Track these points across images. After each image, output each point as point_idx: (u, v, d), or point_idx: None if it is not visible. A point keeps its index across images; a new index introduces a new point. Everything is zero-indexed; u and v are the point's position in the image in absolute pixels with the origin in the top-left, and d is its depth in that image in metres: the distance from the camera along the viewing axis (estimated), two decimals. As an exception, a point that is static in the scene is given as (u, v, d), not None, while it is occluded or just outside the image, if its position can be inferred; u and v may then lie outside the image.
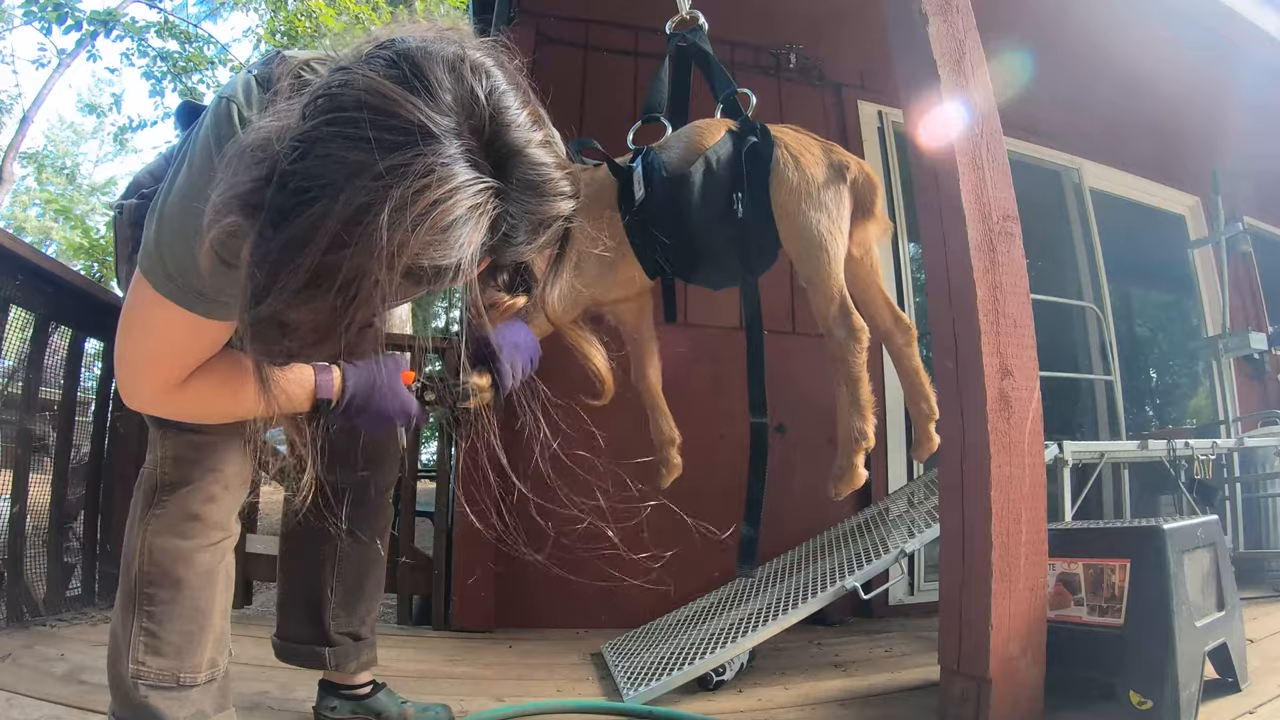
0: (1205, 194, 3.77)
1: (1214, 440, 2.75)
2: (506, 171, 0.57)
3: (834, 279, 1.40)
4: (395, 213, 0.50)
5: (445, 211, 0.52)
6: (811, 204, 1.40)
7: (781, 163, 1.42)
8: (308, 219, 0.51)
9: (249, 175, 0.55)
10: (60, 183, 14.67)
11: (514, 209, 0.58)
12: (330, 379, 0.90)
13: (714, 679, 1.65)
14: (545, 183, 0.59)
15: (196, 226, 0.60)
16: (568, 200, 0.62)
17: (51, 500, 1.94)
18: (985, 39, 1.54)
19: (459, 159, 0.53)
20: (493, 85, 0.57)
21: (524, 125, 0.58)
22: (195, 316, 0.75)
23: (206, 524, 1.00)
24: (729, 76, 1.54)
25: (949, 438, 1.45)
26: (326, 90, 0.54)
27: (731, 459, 2.50)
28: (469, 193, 0.53)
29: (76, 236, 10.98)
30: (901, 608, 2.61)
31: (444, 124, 0.53)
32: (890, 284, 2.82)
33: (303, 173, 0.52)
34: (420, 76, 0.54)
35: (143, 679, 0.96)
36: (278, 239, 0.53)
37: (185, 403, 0.84)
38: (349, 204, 0.51)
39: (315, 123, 0.53)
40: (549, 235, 0.62)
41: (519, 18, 2.60)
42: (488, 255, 0.60)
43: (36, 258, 1.90)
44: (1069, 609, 1.46)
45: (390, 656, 1.77)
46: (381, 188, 0.50)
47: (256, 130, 0.58)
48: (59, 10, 7.49)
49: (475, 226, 0.54)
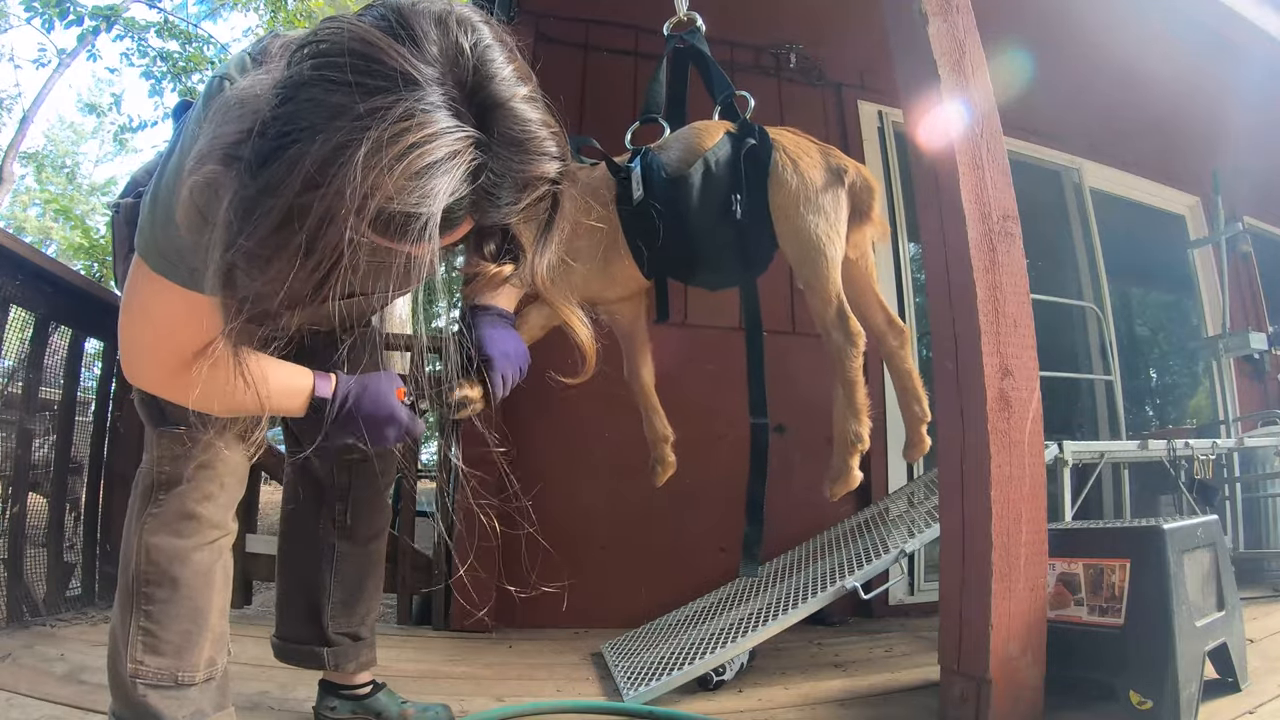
0: (1205, 194, 3.77)
1: (1214, 440, 2.75)
2: (489, 124, 0.56)
3: (832, 283, 1.40)
4: (371, 154, 0.50)
5: (422, 155, 0.51)
6: (810, 207, 1.41)
7: (780, 165, 1.42)
8: (285, 161, 0.51)
9: (233, 127, 0.55)
10: (60, 183, 14.66)
11: (496, 165, 0.57)
12: (327, 383, 0.89)
13: (714, 679, 1.65)
14: (530, 140, 0.58)
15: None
16: (553, 161, 0.61)
17: (51, 500, 1.94)
18: (985, 39, 1.54)
19: (440, 106, 0.53)
20: (478, 38, 0.57)
21: (509, 79, 0.57)
22: (191, 294, 0.74)
23: (203, 523, 1.00)
24: (727, 78, 1.55)
25: (949, 438, 1.45)
26: (313, 38, 0.55)
27: (731, 459, 2.50)
28: (448, 139, 0.53)
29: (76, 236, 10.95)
30: (901, 608, 2.61)
31: (427, 72, 0.53)
32: (890, 284, 2.83)
33: (284, 117, 0.52)
34: (406, 27, 0.54)
35: (141, 678, 0.96)
36: (254, 185, 0.53)
37: (188, 387, 0.81)
38: (326, 144, 0.50)
39: (300, 68, 0.53)
40: (534, 197, 0.61)
41: (519, 18, 2.60)
42: (470, 216, 0.59)
43: (36, 258, 1.90)
44: (1069, 609, 1.46)
45: (390, 656, 1.77)
46: (359, 129, 0.50)
47: (243, 85, 0.58)
48: (60, 6, 7.48)
49: (451, 175, 0.53)
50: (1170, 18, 2.61)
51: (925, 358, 2.84)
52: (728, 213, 1.39)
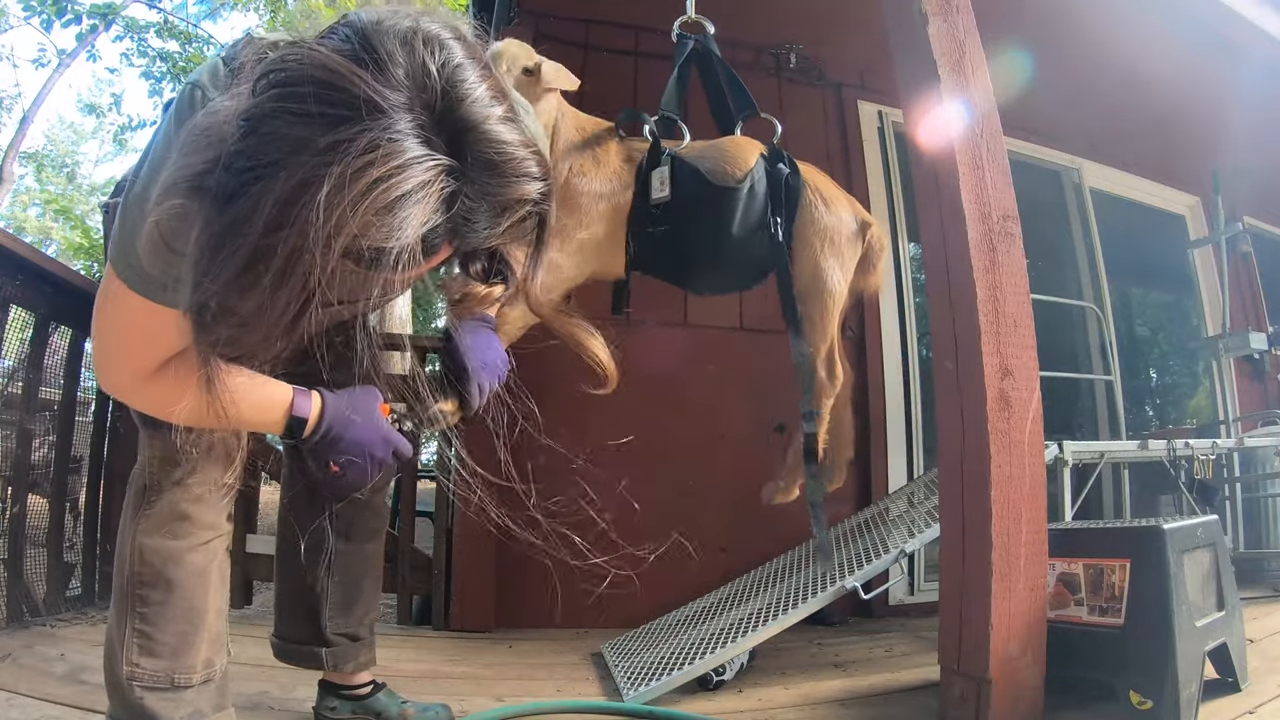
0: (1205, 194, 3.77)
1: (1214, 440, 2.75)
2: (461, 148, 0.54)
3: (831, 324, 1.51)
4: (335, 191, 0.48)
5: (389, 190, 0.49)
6: (832, 250, 1.53)
7: (811, 201, 1.51)
8: (248, 200, 0.49)
9: (200, 157, 0.53)
10: (60, 183, 14.67)
11: (471, 190, 0.54)
12: (308, 401, 0.85)
13: (714, 679, 1.65)
14: (506, 162, 0.55)
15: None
16: (534, 182, 0.58)
17: (51, 500, 1.94)
18: (985, 39, 1.53)
19: (409, 135, 0.50)
20: (447, 58, 0.54)
21: (481, 100, 0.54)
22: (156, 305, 0.73)
23: (196, 524, 1.00)
24: (750, 95, 1.58)
25: (949, 438, 1.45)
26: (277, 66, 0.52)
27: (731, 459, 2.51)
28: (417, 170, 0.50)
29: (76, 236, 10.97)
30: (901, 608, 2.61)
31: (393, 99, 0.50)
32: (890, 284, 2.83)
33: (248, 152, 0.50)
34: (370, 50, 0.51)
35: (138, 680, 0.96)
36: (220, 222, 0.51)
37: (155, 396, 0.81)
38: (288, 181, 0.48)
39: (261, 99, 0.51)
40: (514, 219, 0.59)
41: (519, 18, 2.60)
42: (448, 242, 0.57)
43: (36, 258, 1.90)
44: (1069, 609, 1.46)
45: (390, 656, 1.77)
46: (322, 164, 0.48)
47: (211, 112, 0.56)
48: (59, 5, 7.48)
49: (423, 205, 0.51)
50: (1170, 18, 2.61)
51: (925, 358, 2.84)
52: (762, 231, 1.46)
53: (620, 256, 1.48)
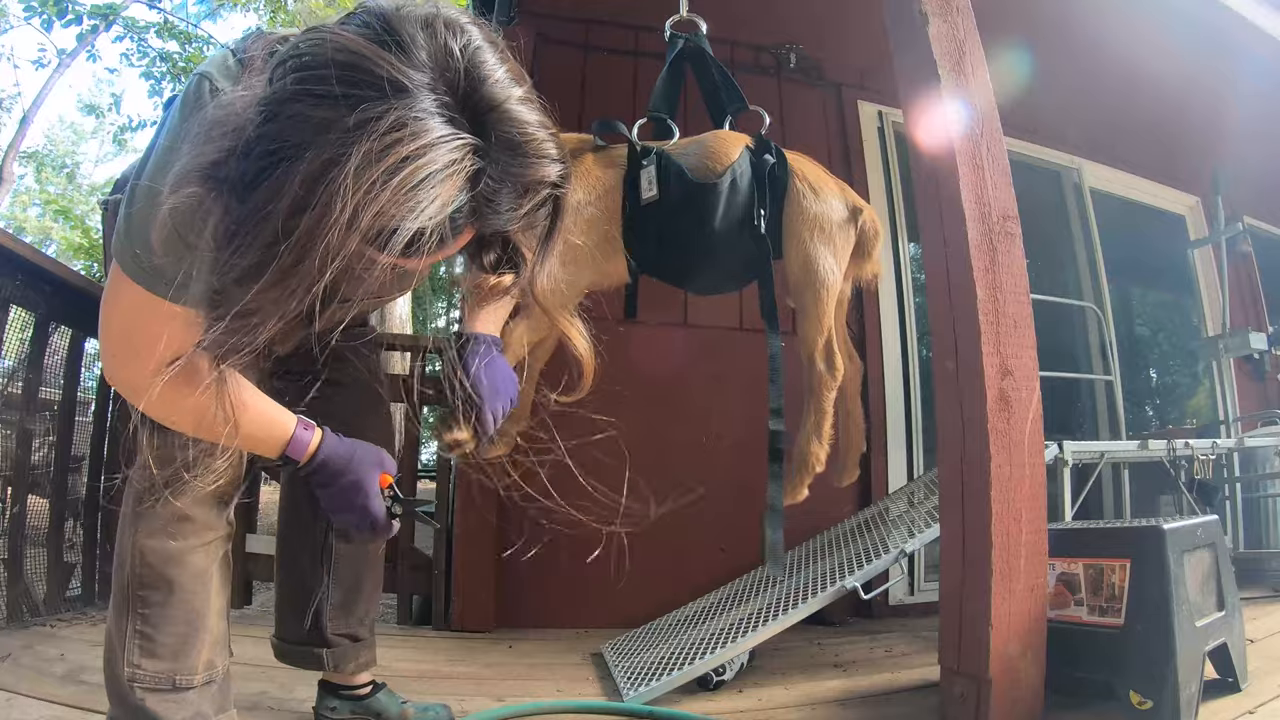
0: (1205, 194, 3.77)
1: (1214, 440, 2.75)
2: (485, 128, 0.54)
3: (827, 315, 1.46)
4: (362, 168, 0.47)
5: (418, 169, 0.49)
6: (823, 238, 1.47)
7: (799, 191, 1.47)
8: (271, 182, 0.49)
9: (214, 146, 0.53)
10: (60, 183, 14.67)
11: (495, 170, 0.54)
12: (309, 435, 0.85)
13: (714, 679, 1.65)
14: (528, 142, 0.56)
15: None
16: (554, 164, 0.58)
17: (51, 500, 1.94)
18: (985, 39, 1.54)
19: (434, 114, 0.50)
20: (468, 40, 0.54)
21: (503, 81, 0.55)
22: (160, 300, 0.72)
23: (197, 524, 0.99)
24: (739, 90, 1.56)
25: (949, 438, 1.45)
26: (295, 52, 0.52)
27: (731, 459, 2.51)
28: (444, 148, 0.50)
29: (76, 236, 10.98)
30: (901, 608, 2.61)
31: (417, 79, 0.50)
32: (890, 284, 2.83)
33: (269, 136, 0.50)
34: (392, 32, 0.52)
35: (138, 681, 0.95)
36: (240, 208, 0.50)
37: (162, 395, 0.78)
38: (314, 161, 0.48)
39: (283, 83, 0.51)
40: (535, 202, 0.59)
41: (519, 18, 2.60)
42: (470, 225, 0.57)
43: (36, 258, 1.90)
44: (1069, 609, 1.46)
45: (390, 656, 1.77)
46: (348, 142, 0.48)
47: (223, 104, 0.56)
48: (59, 5, 7.48)
49: (450, 184, 0.51)
50: (1170, 18, 2.61)
51: (925, 358, 2.84)
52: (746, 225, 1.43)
53: (618, 262, 1.47)
